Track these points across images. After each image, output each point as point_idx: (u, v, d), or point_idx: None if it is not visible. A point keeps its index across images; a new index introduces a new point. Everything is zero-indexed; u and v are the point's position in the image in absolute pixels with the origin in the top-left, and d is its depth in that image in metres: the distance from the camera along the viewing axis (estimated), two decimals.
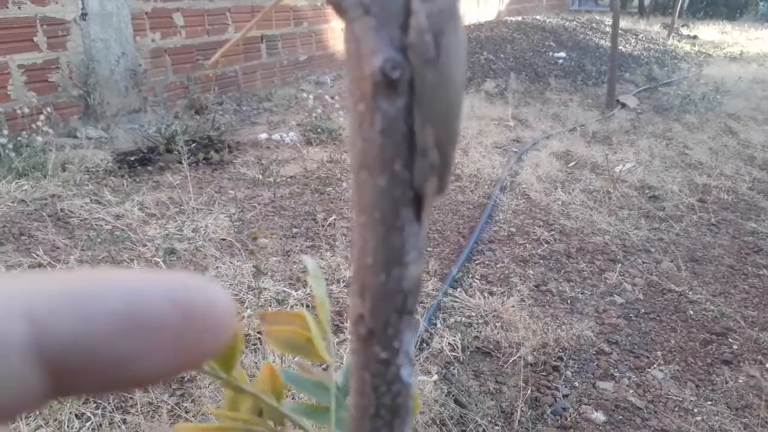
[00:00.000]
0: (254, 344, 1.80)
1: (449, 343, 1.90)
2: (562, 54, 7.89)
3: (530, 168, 3.69)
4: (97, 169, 3.28)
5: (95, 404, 1.53)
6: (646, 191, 3.44)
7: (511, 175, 3.60)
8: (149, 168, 3.40)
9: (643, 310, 2.22)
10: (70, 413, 1.47)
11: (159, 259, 2.24)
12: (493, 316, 2.09)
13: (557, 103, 5.79)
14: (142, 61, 4.40)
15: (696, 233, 2.91)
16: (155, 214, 2.75)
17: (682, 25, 11.26)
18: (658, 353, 1.95)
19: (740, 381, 1.81)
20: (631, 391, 1.76)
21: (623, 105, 5.67)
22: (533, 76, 7.00)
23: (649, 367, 1.87)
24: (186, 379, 1.67)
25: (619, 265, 2.55)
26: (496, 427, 1.59)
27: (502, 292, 2.26)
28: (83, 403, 1.53)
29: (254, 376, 1.68)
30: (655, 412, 1.66)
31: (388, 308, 0.22)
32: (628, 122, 5.03)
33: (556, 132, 4.67)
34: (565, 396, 1.72)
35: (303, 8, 6.04)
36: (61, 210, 2.71)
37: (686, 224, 3.01)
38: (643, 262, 2.60)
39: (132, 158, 3.50)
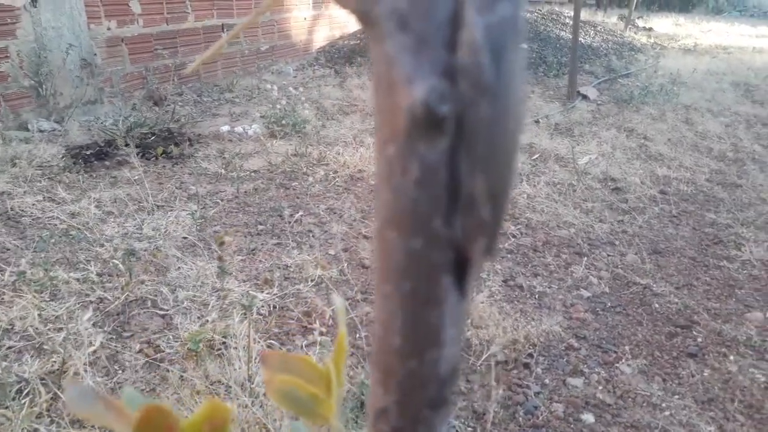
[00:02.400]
0: (218, 350, 1.75)
1: None
2: (524, 46, 7.94)
3: None
4: (50, 164, 3.13)
5: (50, 419, 1.46)
6: (609, 183, 3.48)
7: None
8: (106, 163, 3.27)
9: (609, 304, 2.25)
10: (22, 429, 1.39)
11: (117, 261, 2.15)
12: None
13: None
14: (98, 50, 4.23)
15: (658, 225, 2.96)
16: (113, 212, 2.64)
17: (638, 17, 11.49)
18: (626, 347, 1.97)
19: (705, 374, 1.84)
20: (600, 387, 1.77)
21: (584, 96, 5.74)
22: None
23: (618, 362, 1.89)
24: (147, 391, 1.60)
25: (585, 258, 2.58)
26: (470, 428, 1.57)
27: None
28: (36, 418, 1.45)
29: (219, 381, 1.62)
30: (625, 408, 1.68)
31: (420, 401, 0.18)
32: (589, 114, 5.09)
33: None
34: (537, 394, 1.72)
35: None
36: (11, 209, 2.58)
37: (649, 216, 3.05)
38: (608, 255, 2.63)
39: (88, 152, 3.36)
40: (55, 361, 1.64)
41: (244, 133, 4.00)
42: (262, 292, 2.10)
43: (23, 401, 1.49)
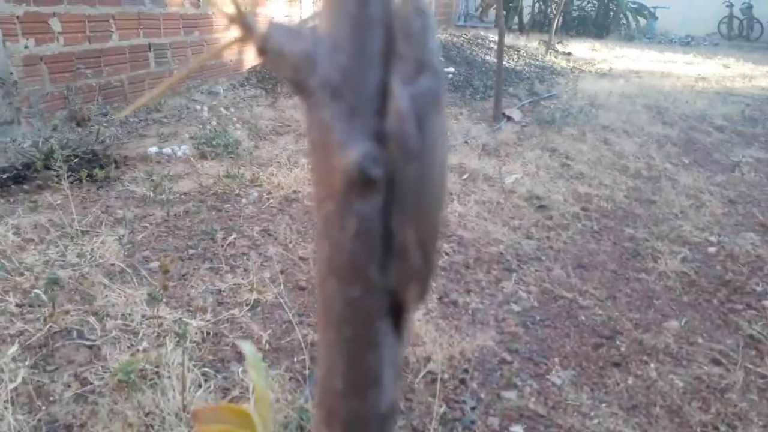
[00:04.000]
0: (152, 380, 1.69)
1: None
2: (452, 69, 8.18)
3: None
4: None
5: None
6: (535, 201, 3.62)
7: None
8: (25, 187, 3.11)
9: (538, 317, 2.33)
10: None
11: (39, 290, 2.05)
12: None
13: (449, 117, 5.98)
14: (14, 68, 4.03)
15: (581, 240, 3.11)
16: (33, 239, 2.51)
17: (558, 42, 12.05)
18: (555, 359, 2.05)
19: (629, 382, 1.94)
20: (533, 399, 1.83)
21: (509, 118, 5.96)
22: None
23: (548, 374, 1.97)
24: (76, 426, 1.53)
25: (515, 273, 2.67)
26: None
27: None
28: None
29: (153, 412, 1.57)
30: (557, 418, 1.75)
31: None
32: (514, 134, 5.29)
33: (449, 145, 4.81)
34: (473, 409, 1.77)
35: (194, 17, 5.82)
36: None
37: (572, 232, 3.20)
38: (536, 270, 2.74)
39: (4, 176, 3.18)
40: None
41: (173, 154, 3.91)
42: (195, 318, 2.05)
43: None
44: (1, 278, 2.18)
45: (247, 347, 0.35)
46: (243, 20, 0.21)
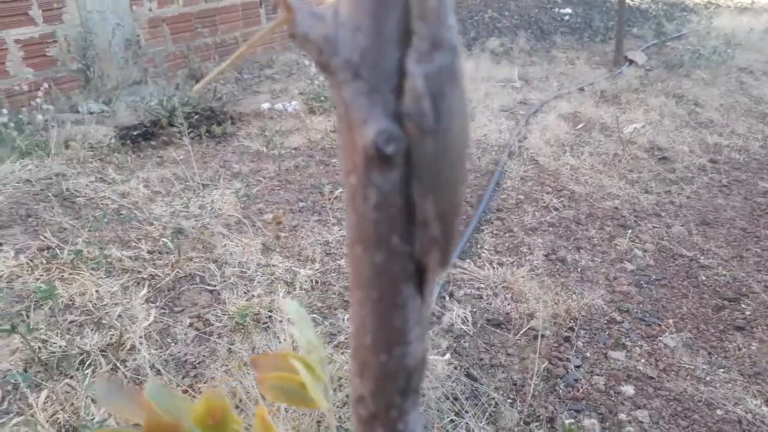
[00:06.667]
0: (265, 323, 1.81)
1: (459, 317, 1.90)
2: (568, 10, 7.70)
3: (538, 131, 3.64)
4: (101, 145, 3.25)
5: None
6: (656, 153, 3.38)
7: (518, 140, 3.54)
8: (152, 143, 3.36)
9: (654, 277, 2.21)
10: (87, 397, 1.49)
11: (167, 239, 2.23)
12: (503, 287, 2.08)
13: (564, 62, 5.67)
14: (140, 31, 4.32)
15: (707, 195, 2.87)
16: (160, 192, 2.73)
17: None
18: (670, 321, 1.94)
19: (753, 347, 1.80)
20: (642, 360, 1.76)
21: (631, 62, 5.55)
22: (539, 33, 6.85)
23: (661, 335, 1.87)
24: (198, 363, 1.68)
25: (630, 230, 2.53)
26: (509, 400, 1.59)
27: (511, 263, 2.25)
28: None
29: (265, 353, 1.67)
30: (668, 381, 1.66)
31: (391, 389, 0.21)
32: (636, 80, 4.92)
33: (564, 92, 4.58)
34: (577, 367, 1.73)
35: None
36: (67, 189, 2.70)
37: (697, 186, 2.96)
38: (654, 227, 2.58)
39: (135, 133, 3.46)
40: (112, 335, 1.74)
41: (284, 110, 4.04)
42: (305, 267, 2.15)
43: (86, 372, 1.58)
44: (134, 227, 2.40)
45: (289, 305, 0.37)
46: (286, 2, 0.22)
